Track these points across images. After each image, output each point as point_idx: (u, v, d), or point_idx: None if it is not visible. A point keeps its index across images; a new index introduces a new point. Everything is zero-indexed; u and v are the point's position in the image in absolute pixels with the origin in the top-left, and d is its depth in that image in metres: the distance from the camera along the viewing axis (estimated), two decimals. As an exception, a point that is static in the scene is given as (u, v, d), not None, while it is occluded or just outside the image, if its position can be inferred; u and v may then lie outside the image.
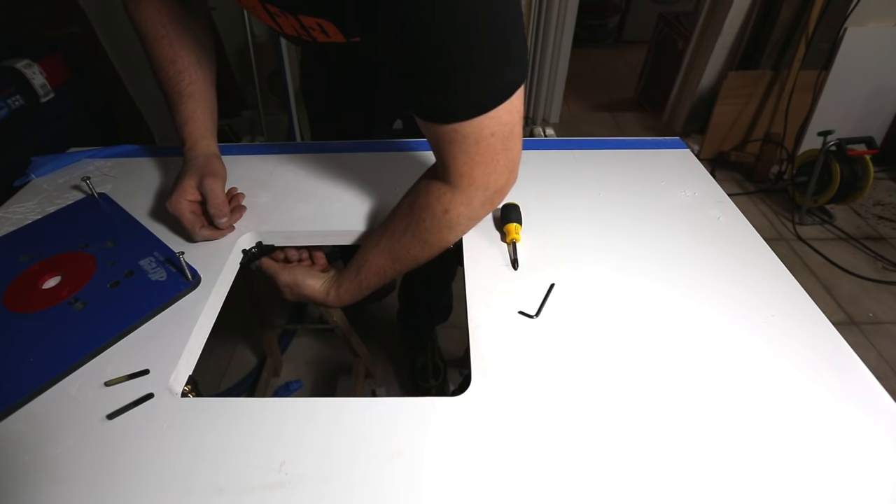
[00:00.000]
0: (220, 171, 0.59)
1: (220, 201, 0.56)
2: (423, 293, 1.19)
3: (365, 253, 0.56)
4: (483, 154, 0.44)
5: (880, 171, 2.08)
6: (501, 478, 0.37)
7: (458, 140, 0.43)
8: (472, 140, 0.43)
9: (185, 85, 0.59)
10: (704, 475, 0.37)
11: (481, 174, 0.45)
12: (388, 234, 0.54)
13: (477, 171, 0.45)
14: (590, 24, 3.54)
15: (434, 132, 0.44)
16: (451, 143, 0.43)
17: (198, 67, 0.60)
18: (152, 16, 0.57)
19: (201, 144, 0.60)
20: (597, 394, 0.43)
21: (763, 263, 0.57)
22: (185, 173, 0.57)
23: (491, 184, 0.47)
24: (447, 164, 0.46)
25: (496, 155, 0.44)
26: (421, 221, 0.50)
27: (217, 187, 0.56)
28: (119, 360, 0.45)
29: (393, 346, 1.39)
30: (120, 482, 0.36)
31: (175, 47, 0.58)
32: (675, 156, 0.77)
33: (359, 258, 0.57)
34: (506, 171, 0.46)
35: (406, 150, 0.78)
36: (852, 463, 0.38)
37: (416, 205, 0.51)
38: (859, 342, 1.41)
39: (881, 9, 1.87)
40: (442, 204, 0.48)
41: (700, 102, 2.27)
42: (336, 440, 0.39)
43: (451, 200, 0.48)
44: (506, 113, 0.42)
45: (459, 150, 0.44)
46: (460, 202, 0.48)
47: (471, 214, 0.49)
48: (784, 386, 0.43)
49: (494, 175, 0.46)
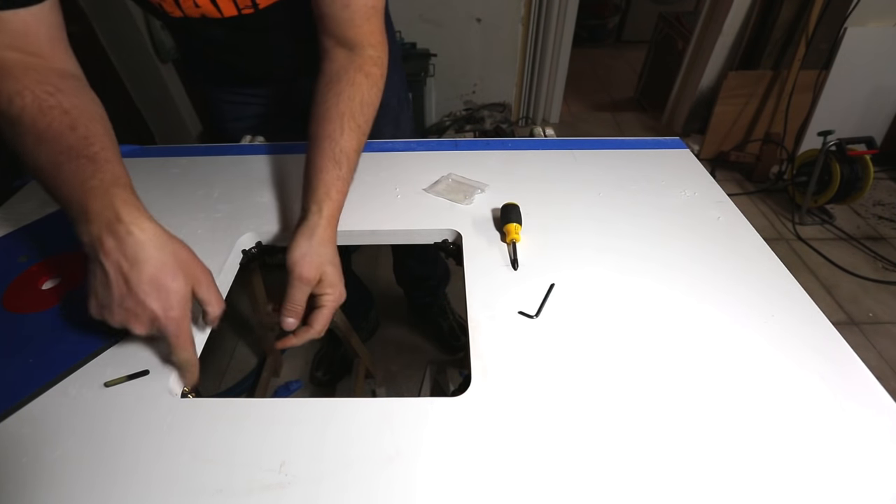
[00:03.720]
0: (205, 269, 0.45)
1: (218, 300, 0.46)
2: (421, 269, 1.27)
3: (327, 152, 0.53)
4: (380, 21, 0.58)
5: (880, 171, 2.08)
6: (502, 478, 0.37)
7: (374, 14, 0.56)
8: (379, 10, 0.57)
9: (97, 150, 0.43)
10: (705, 475, 0.37)
11: (383, 38, 0.60)
12: (338, 119, 0.54)
13: (382, 35, 0.59)
14: (590, 24, 3.54)
15: (353, 14, 0.55)
16: (368, 18, 0.56)
17: (107, 138, 0.46)
18: (33, 87, 0.44)
19: (146, 222, 0.41)
20: (597, 394, 0.43)
21: (763, 263, 0.56)
22: (163, 274, 0.40)
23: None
24: (364, 38, 0.57)
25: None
26: (358, 87, 0.56)
27: (215, 289, 0.45)
28: (119, 360, 0.45)
29: (393, 346, 1.39)
30: (120, 483, 0.36)
31: (73, 116, 0.44)
32: (675, 156, 0.77)
33: (321, 162, 0.53)
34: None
35: (404, 151, 0.78)
36: (852, 463, 0.38)
37: (350, 82, 0.56)
38: (859, 342, 1.41)
39: (881, 9, 1.87)
40: (378, 68, 0.58)
41: (700, 102, 2.27)
42: (336, 440, 0.39)
43: (379, 58, 0.59)
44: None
45: (376, 22, 0.57)
46: (381, 57, 0.59)
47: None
48: (784, 386, 0.43)
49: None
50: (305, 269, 0.48)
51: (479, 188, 0.68)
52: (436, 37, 2.17)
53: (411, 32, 2.15)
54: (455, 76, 2.32)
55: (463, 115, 2.35)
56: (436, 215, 0.64)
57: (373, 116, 0.58)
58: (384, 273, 1.59)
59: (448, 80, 2.32)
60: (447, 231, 0.62)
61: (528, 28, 2.20)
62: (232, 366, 1.35)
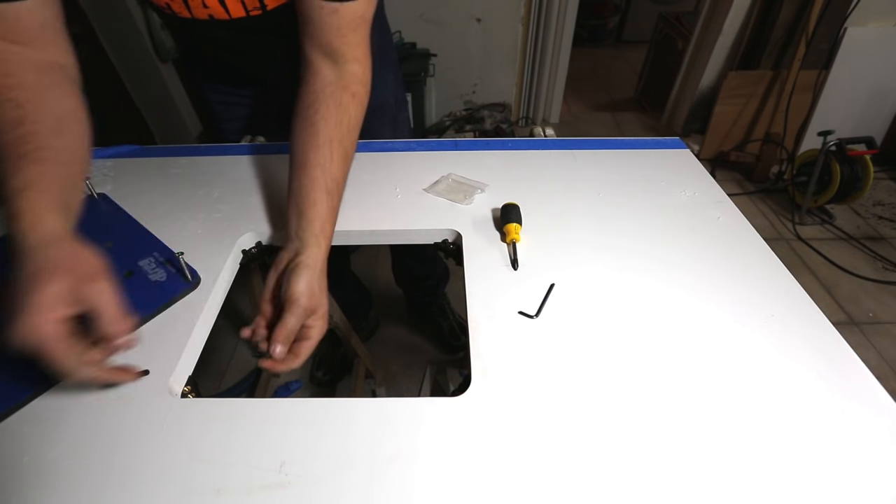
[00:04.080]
0: (102, 266, 0.40)
1: (117, 307, 0.39)
2: (420, 269, 1.27)
3: (320, 182, 0.52)
4: (366, 33, 0.57)
5: (880, 171, 2.08)
6: (502, 478, 0.37)
7: (361, 24, 0.55)
8: (367, 21, 0.55)
9: (30, 149, 0.42)
10: (705, 474, 0.37)
11: (368, 52, 0.58)
12: (327, 145, 0.53)
13: (367, 49, 0.58)
14: (590, 24, 3.55)
15: (341, 21, 0.53)
16: (355, 28, 0.54)
17: (55, 137, 0.44)
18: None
19: (47, 224, 0.39)
20: (597, 393, 0.43)
21: (763, 263, 0.56)
22: (38, 274, 0.36)
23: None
24: (349, 50, 0.55)
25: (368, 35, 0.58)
26: (346, 110, 0.55)
27: (111, 291, 0.39)
28: (119, 360, 0.45)
29: (393, 346, 1.39)
30: (119, 483, 0.36)
31: (25, 110, 0.44)
32: (675, 156, 0.77)
33: (314, 194, 0.52)
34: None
35: (404, 151, 0.78)
36: (852, 462, 0.38)
37: (337, 103, 0.55)
38: (859, 342, 1.41)
39: (881, 9, 1.87)
40: (363, 86, 0.58)
41: (700, 102, 2.27)
42: (336, 440, 0.39)
43: (364, 75, 0.58)
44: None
45: (363, 33, 0.56)
46: (366, 74, 0.58)
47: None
48: (784, 386, 0.43)
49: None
50: (309, 302, 0.48)
51: (479, 188, 0.68)
52: (436, 37, 2.16)
53: (411, 32, 2.14)
54: (455, 76, 2.32)
55: (463, 115, 2.35)
56: (436, 215, 0.64)
57: (357, 137, 0.58)
58: (384, 273, 1.59)
59: (448, 80, 2.32)
60: (447, 231, 0.62)
61: (528, 28, 2.20)
62: (232, 366, 1.35)
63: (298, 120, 0.56)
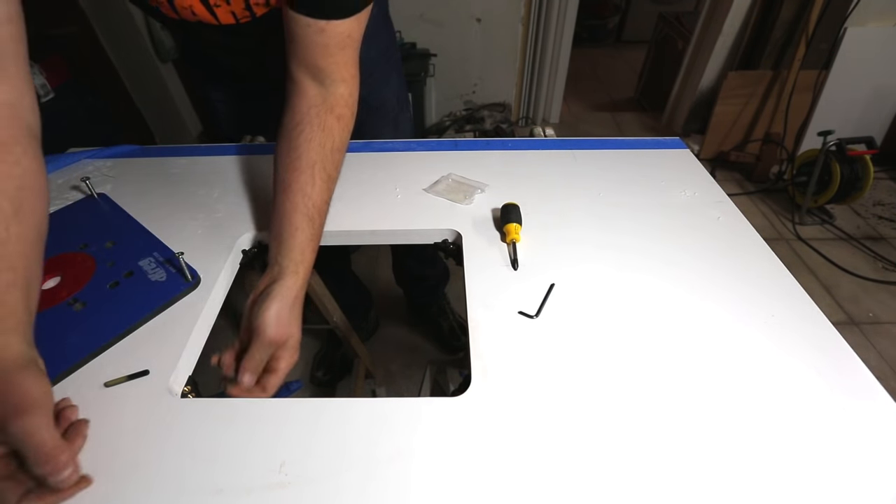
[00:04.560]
0: (38, 396, 0.34)
1: (48, 448, 0.32)
2: (420, 269, 1.27)
3: (302, 208, 0.51)
4: (354, 53, 0.55)
5: (880, 171, 2.08)
6: (502, 478, 0.37)
7: (349, 44, 0.53)
8: (355, 40, 0.53)
9: None
10: (705, 474, 0.37)
11: (356, 72, 0.57)
12: (310, 170, 0.52)
13: (355, 69, 0.56)
14: (590, 24, 3.54)
15: (328, 40, 0.51)
16: (343, 48, 0.53)
17: (13, 221, 0.37)
18: None
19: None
20: (598, 393, 0.43)
21: (763, 263, 0.56)
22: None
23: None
24: (336, 70, 0.54)
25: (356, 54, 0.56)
26: (330, 133, 0.54)
27: (37, 429, 0.32)
28: (119, 360, 0.45)
29: (393, 346, 1.39)
30: (119, 483, 0.36)
31: None
32: (675, 156, 0.77)
33: (296, 220, 0.51)
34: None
35: (404, 151, 0.78)
36: (852, 462, 0.38)
37: (321, 126, 0.54)
38: (859, 342, 1.41)
39: (881, 9, 1.87)
40: (350, 108, 0.57)
41: (700, 102, 2.27)
42: (336, 440, 0.39)
43: (351, 97, 0.57)
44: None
45: (351, 52, 0.54)
46: (353, 96, 0.57)
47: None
48: (784, 386, 0.43)
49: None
50: (276, 332, 0.46)
51: (479, 188, 0.68)
52: (436, 37, 2.16)
53: (411, 32, 2.14)
54: (455, 76, 2.32)
55: (463, 115, 2.35)
56: (436, 215, 0.64)
57: (342, 160, 0.57)
58: (384, 273, 1.59)
59: (448, 80, 2.32)
60: (447, 231, 0.62)
61: (528, 28, 2.20)
62: (232, 366, 1.35)
63: (283, 141, 0.55)
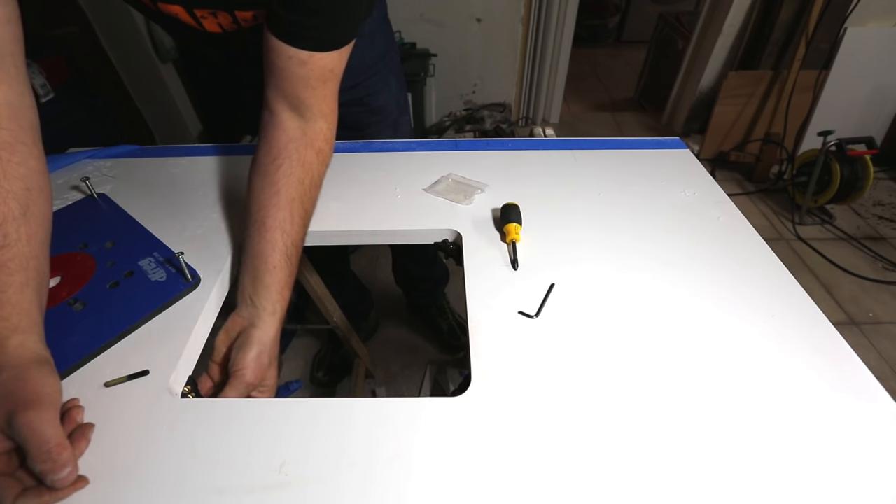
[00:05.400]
0: (48, 392, 0.35)
1: (52, 445, 0.33)
2: (419, 272, 1.28)
3: (279, 246, 0.50)
4: (335, 87, 0.54)
5: (880, 171, 2.08)
6: (502, 478, 0.37)
7: (331, 78, 0.52)
8: (337, 75, 0.53)
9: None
10: (705, 474, 0.37)
11: (335, 107, 0.56)
12: (288, 206, 0.51)
13: (334, 104, 0.56)
14: (590, 24, 3.54)
15: (309, 73, 0.50)
16: (324, 81, 0.52)
17: (22, 222, 0.38)
18: None
19: (10, 343, 0.36)
20: (598, 393, 0.43)
21: (763, 263, 0.56)
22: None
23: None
24: (317, 103, 0.53)
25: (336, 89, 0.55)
26: (309, 169, 0.54)
27: (42, 424, 0.33)
28: (119, 360, 0.45)
29: (393, 347, 1.39)
30: (119, 483, 0.36)
31: None
32: (675, 156, 0.77)
33: (273, 258, 0.50)
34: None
35: (404, 151, 0.78)
36: (853, 462, 0.38)
37: (300, 161, 0.53)
38: (859, 342, 1.41)
39: (881, 9, 1.87)
40: (328, 143, 0.56)
41: (700, 102, 2.27)
42: (336, 440, 0.39)
43: (330, 132, 0.56)
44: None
45: (332, 86, 0.53)
46: (331, 131, 0.56)
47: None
48: (784, 386, 0.43)
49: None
50: (252, 375, 0.46)
51: (479, 188, 0.68)
52: (436, 37, 2.16)
53: (411, 32, 2.14)
54: (455, 76, 2.32)
55: (463, 115, 2.35)
56: (436, 215, 0.64)
57: (318, 195, 0.56)
58: (384, 273, 1.59)
59: (448, 80, 2.32)
60: (447, 231, 0.62)
61: (528, 28, 2.20)
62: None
63: (259, 175, 0.53)
